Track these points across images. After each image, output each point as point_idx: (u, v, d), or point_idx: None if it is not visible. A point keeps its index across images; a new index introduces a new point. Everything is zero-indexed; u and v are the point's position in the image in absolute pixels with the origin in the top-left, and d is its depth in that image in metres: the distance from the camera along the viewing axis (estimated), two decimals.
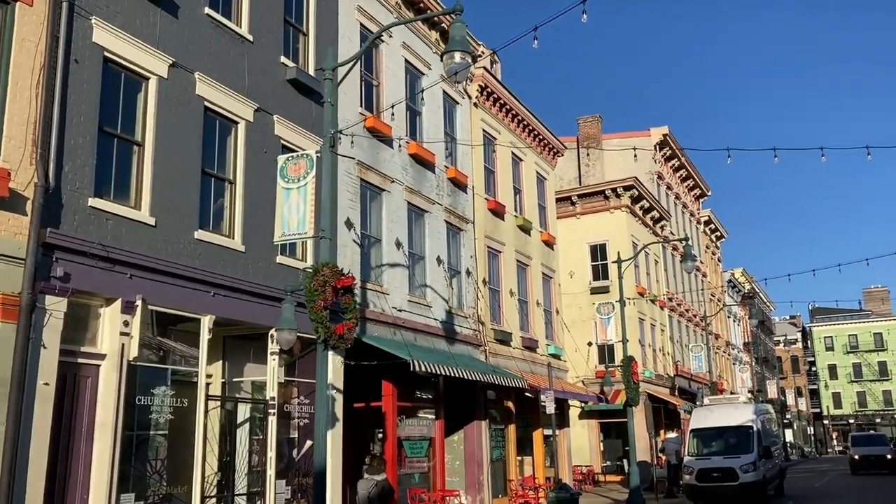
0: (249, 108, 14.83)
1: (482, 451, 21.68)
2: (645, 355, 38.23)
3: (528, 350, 25.43)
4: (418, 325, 19.26)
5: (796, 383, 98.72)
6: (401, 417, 18.63)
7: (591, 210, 39.59)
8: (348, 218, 17.24)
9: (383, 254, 18.61)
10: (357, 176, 17.80)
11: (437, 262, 20.78)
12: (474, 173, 23.81)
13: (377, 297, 17.91)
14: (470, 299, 22.45)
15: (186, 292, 12.84)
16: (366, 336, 16.90)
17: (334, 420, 15.98)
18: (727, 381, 56.96)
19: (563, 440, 27.77)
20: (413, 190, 20.06)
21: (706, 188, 56.38)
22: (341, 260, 16.83)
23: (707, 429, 24.58)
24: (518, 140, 27.30)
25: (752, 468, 22.60)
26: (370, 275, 18.17)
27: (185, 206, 13.11)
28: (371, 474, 13.47)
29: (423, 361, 16.48)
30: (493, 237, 24.31)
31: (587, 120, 46.43)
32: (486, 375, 19.08)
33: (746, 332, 70.05)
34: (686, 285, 49.69)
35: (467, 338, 21.71)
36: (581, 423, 37.74)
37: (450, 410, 21.66)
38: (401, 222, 19.35)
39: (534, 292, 26.77)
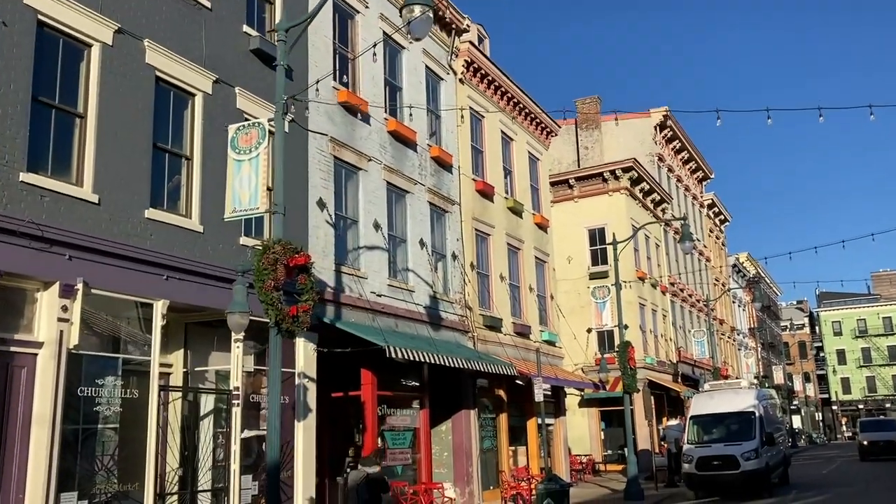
0: (207, 80, 13.89)
1: (471, 442, 20.79)
2: (646, 341, 37.30)
3: (521, 336, 24.50)
4: (399, 311, 18.35)
5: (804, 369, 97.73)
6: (381, 407, 17.73)
7: (590, 193, 38.60)
8: (321, 198, 16.31)
9: (360, 236, 17.69)
10: (330, 153, 16.85)
11: (420, 246, 19.85)
12: (460, 153, 22.84)
13: (354, 282, 17.00)
14: (456, 284, 21.52)
15: (136, 275, 11.94)
16: (340, 322, 16.00)
17: (307, 410, 15.12)
18: (732, 368, 55.96)
19: (559, 429, 26.87)
20: (392, 169, 19.11)
21: (709, 171, 55.25)
22: (313, 242, 15.93)
23: (707, 415, 23.62)
24: (509, 119, 26.30)
25: (754, 456, 21.65)
26: (346, 258, 17.26)
27: (133, 183, 12.20)
28: (364, 465, 12.65)
29: (399, 348, 15.57)
30: (481, 219, 23.35)
31: (585, 101, 45.37)
32: (470, 362, 18.17)
33: (752, 317, 68.99)
34: (689, 270, 48.66)
35: (454, 324, 20.80)
36: (581, 412, 36.88)
37: (436, 399, 20.76)
38: (379, 203, 18.42)
39: (526, 277, 25.83)
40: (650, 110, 45.02)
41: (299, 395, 15.04)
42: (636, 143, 44.49)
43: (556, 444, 26.67)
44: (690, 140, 50.19)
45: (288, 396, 14.98)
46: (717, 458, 21.84)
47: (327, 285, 16.16)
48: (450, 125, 22.47)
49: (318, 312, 15.72)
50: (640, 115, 45.35)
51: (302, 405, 15.01)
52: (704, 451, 22.33)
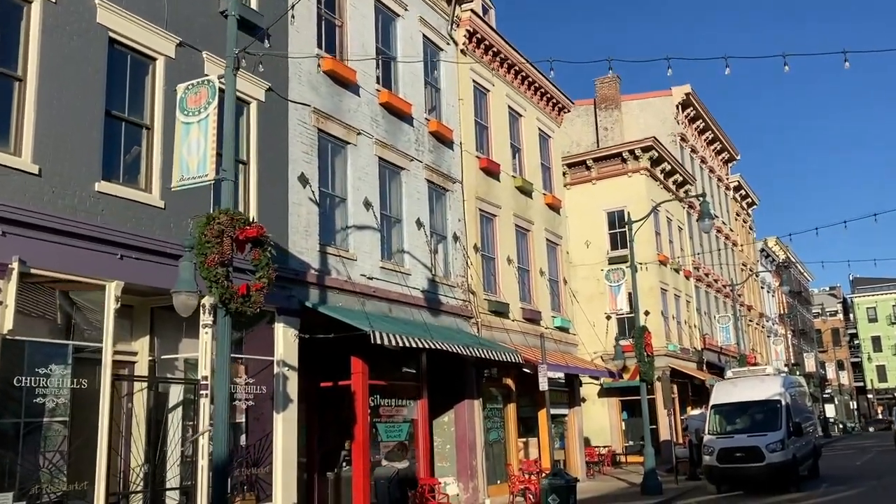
0: (170, 43, 12.77)
1: (475, 434, 19.59)
2: (668, 328, 35.82)
3: (530, 323, 23.23)
4: (393, 295, 17.18)
5: (837, 356, 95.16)
6: (374, 397, 16.59)
7: (608, 174, 37.09)
8: (303, 173, 15.16)
9: (349, 215, 16.53)
10: (313, 125, 15.69)
11: (417, 226, 18.65)
12: (463, 128, 21.57)
13: (341, 263, 15.84)
14: (458, 267, 20.30)
15: (85, 254, 10.88)
16: (324, 306, 14.86)
17: (287, 401, 14.02)
18: (761, 355, 54.18)
19: (573, 419, 25.58)
20: (385, 144, 17.91)
21: (735, 151, 53.39)
22: (294, 220, 14.81)
23: (729, 404, 22.19)
24: (517, 94, 24.96)
25: (779, 447, 20.22)
26: (333, 238, 16.11)
27: (82, 153, 11.12)
28: (391, 461, 11.64)
29: (386, 333, 14.40)
30: (486, 199, 22.08)
31: (604, 80, 43.73)
32: (469, 348, 16.96)
33: (781, 303, 66.96)
34: (715, 255, 46.97)
35: (455, 309, 19.59)
36: (601, 402, 35.53)
37: (437, 389, 19.57)
38: (370, 180, 17.24)
39: (536, 260, 24.52)
40: (672, 88, 43.36)
41: (278, 384, 13.95)
42: (657, 122, 42.88)
43: (571, 435, 25.40)
44: (715, 120, 48.41)
45: (266, 386, 13.92)
46: (740, 449, 20.45)
47: (310, 267, 15.03)
48: (450, 99, 21.21)
49: (301, 296, 14.61)
50: (661, 93, 43.71)
51: (281, 396, 13.92)
52: (726, 442, 20.94)
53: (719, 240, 48.43)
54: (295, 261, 14.64)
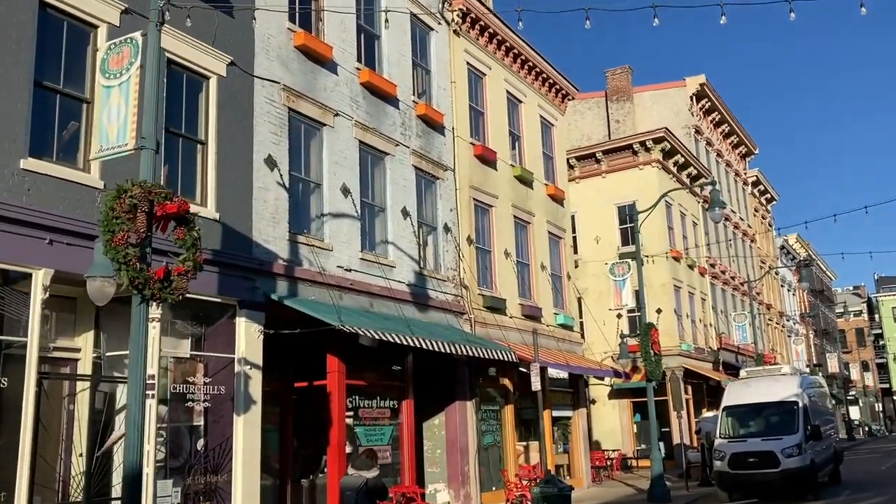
0: (114, 10, 11.64)
1: (467, 437, 18.33)
2: (682, 327, 34.37)
3: (530, 320, 21.92)
4: (374, 289, 15.96)
5: (861, 357, 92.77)
6: (352, 398, 15.40)
7: (618, 167, 35.73)
8: (270, 155, 13.98)
9: (325, 202, 15.34)
10: (283, 104, 14.52)
11: (403, 215, 17.43)
12: (456, 113, 20.33)
13: (314, 254, 14.65)
14: (450, 260, 19.06)
15: (6, 238, 9.77)
16: (292, 299, 13.67)
17: (249, 403, 12.84)
18: (781, 355, 52.44)
19: (577, 422, 24.24)
20: (367, 127, 16.71)
21: (752, 145, 51.70)
22: (259, 206, 13.63)
23: (742, 406, 20.75)
24: (516, 79, 23.68)
25: (796, 452, 18.77)
26: (306, 226, 14.93)
27: (3, 127, 10.00)
28: (359, 469, 10.47)
29: (360, 327, 13.18)
30: (481, 188, 20.82)
31: (615, 72, 42.41)
32: (455, 346, 15.70)
33: (803, 301, 65.06)
34: (731, 250, 45.38)
35: (446, 305, 18.35)
36: (611, 404, 34.17)
37: (427, 390, 18.35)
38: (349, 165, 16.04)
39: (537, 254, 23.22)
40: (685, 79, 41.87)
41: (239, 384, 12.78)
42: (671, 114, 41.42)
43: (575, 438, 24.06)
44: (731, 112, 46.81)
45: (225, 386, 12.76)
46: (754, 454, 19.03)
47: (278, 257, 13.85)
48: (442, 82, 19.97)
49: (266, 288, 13.44)
50: (674, 84, 42.25)
51: (242, 396, 12.75)
52: (739, 446, 19.52)
53: (736, 236, 46.84)
54: (260, 250, 13.47)
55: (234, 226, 13.02)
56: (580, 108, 43.87)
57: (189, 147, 12.83)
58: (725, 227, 44.60)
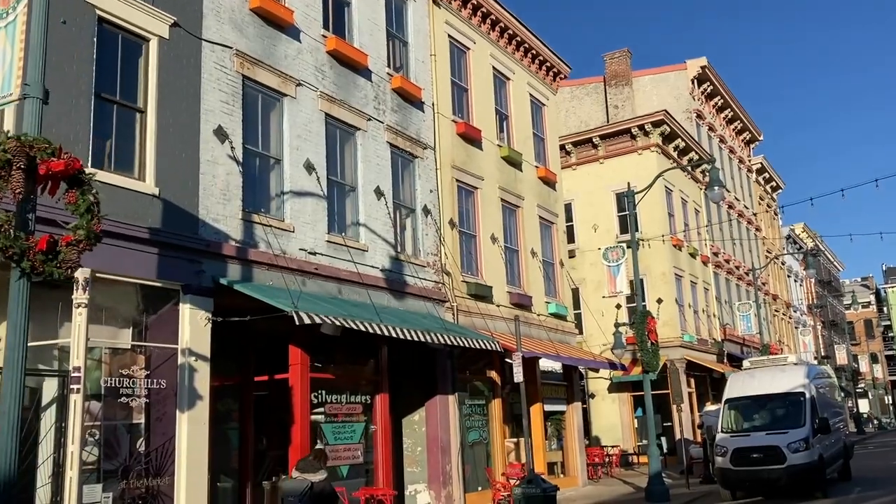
0: None
1: (449, 434, 17.08)
2: (683, 317, 33.07)
3: (519, 308, 20.64)
4: (343, 274, 14.71)
5: (870, 349, 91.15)
6: (318, 393, 14.16)
7: (616, 152, 34.40)
8: (220, 126, 12.73)
9: (286, 179, 14.08)
10: (236, 71, 13.26)
11: (377, 195, 16.16)
12: (437, 88, 19.06)
13: (273, 235, 13.40)
14: (430, 244, 17.79)
15: None
16: (245, 284, 12.42)
17: (194, 398, 11.60)
18: (788, 347, 51.07)
19: (571, 416, 22.96)
20: (334, 99, 15.45)
21: (757, 132, 50.29)
22: (207, 182, 12.39)
23: (745, 398, 19.44)
24: (503, 55, 22.38)
25: (803, 446, 17.46)
26: (264, 205, 13.69)
27: None
28: (304, 472, 9.30)
29: (319, 314, 11.93)
30: (464, 169, 19.55)
31: (614, 56, 41.04)
32: (431, 335, 14.43)
33: (810, 292, 63.63)
34: (736, 238, 44.01)
35: (426, 292, 17.09)
36: (611, 398, 32.89)
37: (405, 383, 17.15)
38: (314, 140, 14.78)
39: (527, 239, 21.93)
40: (686, 61, 40.52)
41: (183, 377, 11.54)
42: (672, 99, 40.08)
43: (569, 434, 22.79)
44: (734, 97, 45.39)
45: (166, 380, 11.52)
46: (758, 449, 17.72)
47: (229, 237, 12.60)
48: (420, 54, 18.70)
49: (214, 271, 12.20)
50: (674, 67, 40.92)
51: (187, 391, 11.51)
52: (742, 441, 18.22)
53: (741, 224, 45.47)
54: (208, 229, 12.24)
55: (177, 202, 11.78)
56: (578, 93, 42.56)
57: (125, 116, 11.59)
58: (729, 216, 43.27)
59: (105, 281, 10.98)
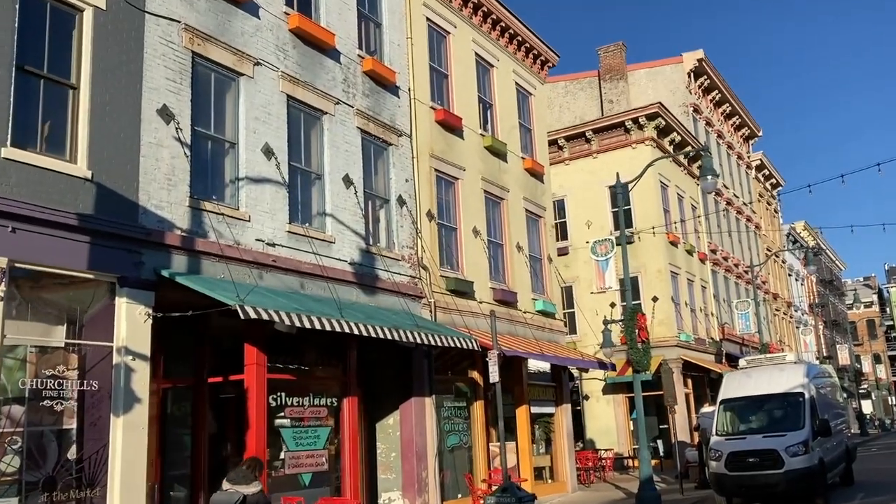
0: None
1: (426, 438, 16.05)
2: (680, 316, 32.04)
3: (504, 305, 19.62)
4: (306, 267, 13.69)
5: (873, 349, 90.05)
6: (278, 395, 13.13)
7: (610, 147, 33.39)
8: (165, 105, 11.72)
9: (241, 164, 13.07)
10: (185, 47, 12.26)
11: (346, 184, 15.15)
12: (414, 73, 18.05)
13: (226, 224, 12.39)
14: (405, 237, 16.77)
15: None
16: (190, 276, 11.39)
17: (132, 401, 10.59)
18: (790, 347, 49.97)
19: (560, 419, 21.90)
20: (297, 80, 14.44)
21: (756, 127, 49.24)
22: (149, 165, 11.40)
23: (741, 398, 18.42)
24: (487, 41, 21.37)
25: (802, 450, 16.44)
26: (216, 192, 12.69)
27: None
28: (236, 483, 8.29)
29: (270, 309, 10.91)
30: (444, 158, 18.54)
31: (608, 49, 40.07)
32: (401, 332, 13.41)
33: (811, 291, 62.53)
34: (735, 238, 42.96)
35: (400, 287, 16.06)
36: (606, 399, 31.85)
37: (379, 385, 16.17)
38: (274, 122, 13.77)
39: (512, 233, 20.90)
40: (682, 54, 39.51)
41: (118, 378, 10.52)
42: (668, 93, 39.08)
43: (558, 437, 21.74)
44: (732, 91, 44.37)
45: (98, 381, 10.50)
46: (754, 453, 16.71)
47: (174, 226, 11.59)
48: (395, 37, 17.69)
49: (156, 262, 11.19)
50: (670, 60, 39.90)
51: (122, 393, 10.49)
52: (737, 444, 17.20)
53: (739, 222, 44.43)
54: (149, 217, 11.22)
55: (113, 187, 10.77)
56: (572, 88, 41.60)
57: (55, 92, 10.59)
58: (728, 213, 42.25)
59: (33, 273, 10.02)
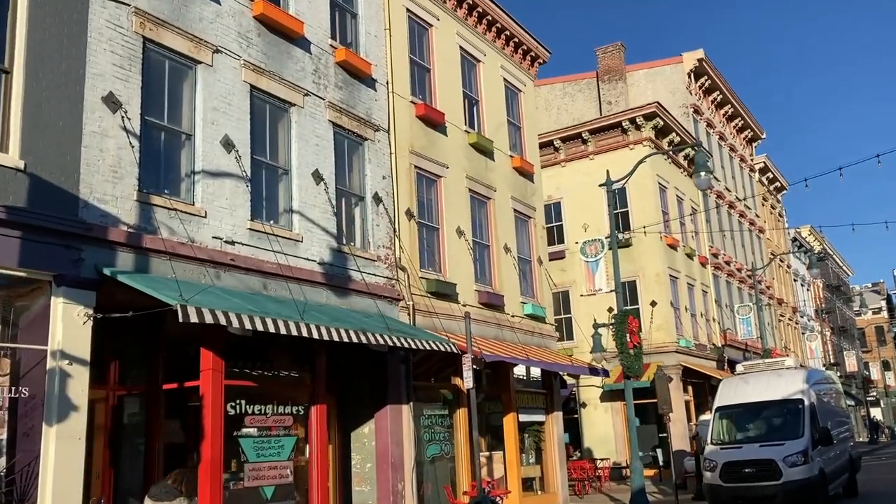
0: None
1: (402, 448, 15.23)
2: (680, 321, 31.15)
3: (490, 308, 18.81)
4: (270, 267, 12.91)
5: (882, 356, 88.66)
6: (237, 403, 12.32)
7: (607, 148, 32.57)
8: (111, 93, 10.97)
9: (198, 157, 12.30)
10: (135, 32, 11.51)
11: (316, 180, 14.38)
12: (394, 66, 17.30)
13: (179, 220, 11.62)
14: (381, 236, 15.99)
15: None
16: (131, 275, 10.59)
17: (67, 410, 9.82)
18: (795, 353, 48.94)
19: (551, 427, 21.02)
20: (262, 70, 13.69)
21: (759, 130, 48.34)
22: (94, 156, 10.65)
23: (738, 406, 17.58)
24: (473, 35, 20.63)
25: (801, 460, 15.60)
26: (169, 185, 11.93)
27: None
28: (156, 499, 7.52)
29: (216, 311, 10.12)
30: (425, 154, 17.76)
31: (607, 50, 39.36)
32: (369, 335, 12.59)
33: (818, 297, 61.45)
34: (738, 242, 42.04)
35: (375, 289, 15.26)
36: (604, 407, 30.95)
37: (354, 391, 15.36)
38: (236, 114, 13.01)
39: (500, 234, 20.10)
40: (682, 54, 38.71)
41: (53, 385, 9.74)
42: (667, 94, 38.30)
43: (549, 446, 20.86)
44: (734, 92, 43.51)
45: (30, 388, 9.71)
46: (751, 463, 15.88)
47: (119, 221, 10.82)
48: (372, 28, 16.95)
49: (98, 260, 10.42)
50: (670, 60, 39.11)
51: (57, 401, 9.70)
52: (733, 453, 16.36)
53: (742, 225, 43.51)
54: (91, 211, 10.46)
55: (50, 179, 10.02)
56: (570, 90, 40.86)
57: None
58: (730, 216, 41.35)
59: None
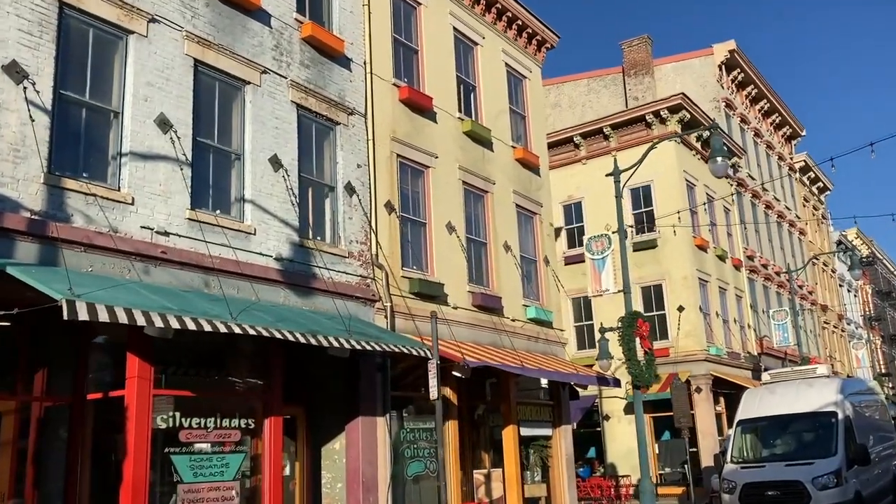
0: None
1: (376, 467, 13.62)
2: (710, 328, 29.08)
3: (486, 312, 17.15)
4: (213, 262, 11.43)
5: None
6: (172, 415, 10.86)
7: (630, 144, 30.68)
8: (14, 61, 9.62)
9: (125, 136, 10.90)
10: None
11: (274, 166, 12.91)
12: (374, 45, 15.81)
13: (99, 207, 10.22)
14: (355, 230, 14.45)
15: None
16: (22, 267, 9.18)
17: None
18: (842, 363, 46.24)
19: (558, 441, 19.22)
20: (209, 43, 12.28)
21: (799, 126, 45.91)
22: None
23: (762, 419, 15.67)
24: (468, 15, 19.07)
25: (833, 481, 13.64)
26: (88, 168, 10.53)
27: None
28: None
29: (116, 308, 8.65)
30: (409, 142, 16.21)
31: (633, 43, 37.56)
32: (319, 337, 11.03)
33: (866, 303, 58.38)
34: (777, 244, 39.71)
35: (345, 288, 13.72)
36: (627, 420, 28.93)
37: (324, 402, 13.84)
38: (175, 90, 11.59)
39: (499, 231, 18.43)
40: (713, 46, 36.67)
41: None
42: (697, 87, 36.35)
43: (556, 463, 19.06)
44: (770, 86, 41.23)
45: None
46: (774, 485, 13.98)
47: (20, 206, 9.44)
48: (347, 2, 15.47)
49: None
50: (700, 53, 37.13)
51: None
52: (755, 474, 14.45)
53: (782, 227, 41.14)
54: None
55: None
56: (595, 86, 39.13)
57: None
58: (768, 217, 39.07)
59: None
